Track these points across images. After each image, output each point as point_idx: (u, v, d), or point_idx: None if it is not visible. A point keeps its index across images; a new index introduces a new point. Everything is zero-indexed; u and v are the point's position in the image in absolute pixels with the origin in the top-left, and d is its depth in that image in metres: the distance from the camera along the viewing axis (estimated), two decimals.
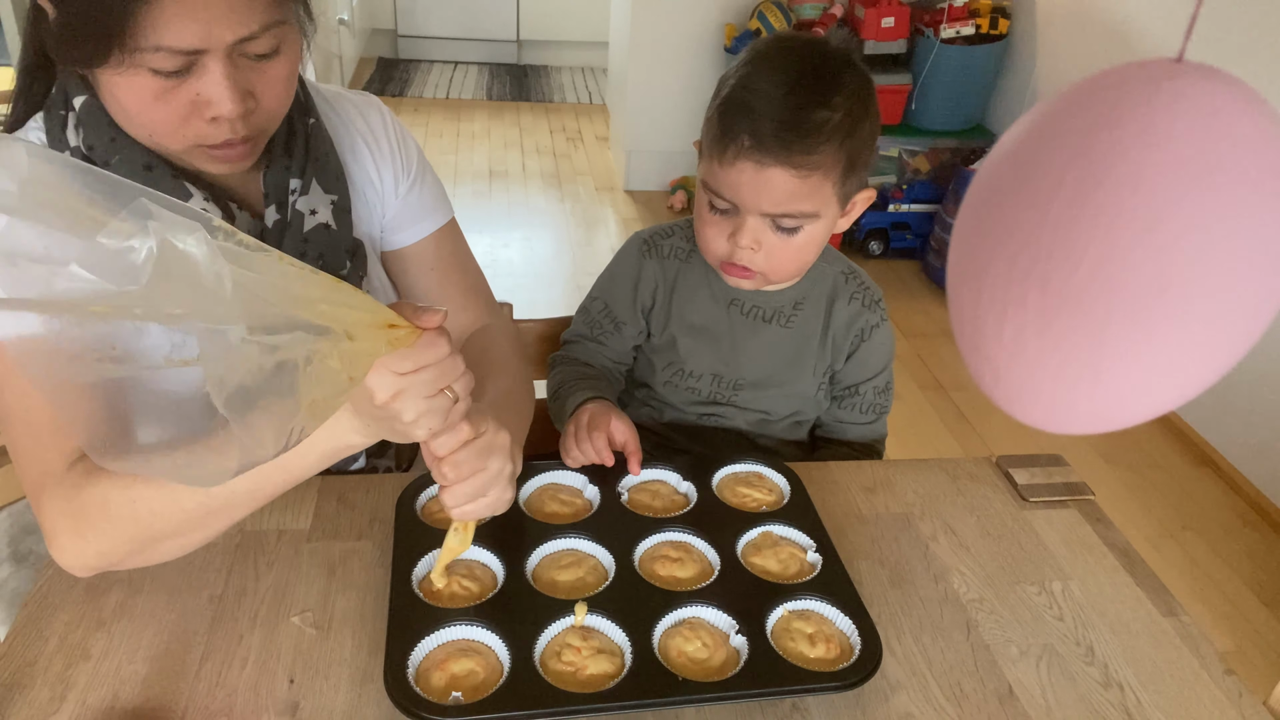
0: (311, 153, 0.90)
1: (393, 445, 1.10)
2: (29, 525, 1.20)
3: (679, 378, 1.14)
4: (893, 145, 3.41)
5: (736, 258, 0.99)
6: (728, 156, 0.94)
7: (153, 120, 0.74)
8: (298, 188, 0.89)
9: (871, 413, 1.17)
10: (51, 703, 0.72)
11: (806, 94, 0.92)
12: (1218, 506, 2.35)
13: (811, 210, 0.95)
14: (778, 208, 0.95)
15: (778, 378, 1.12)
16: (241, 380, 0.53)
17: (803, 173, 0.92)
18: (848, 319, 1.11)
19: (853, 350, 1.13)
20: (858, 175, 0.98)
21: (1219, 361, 0.44)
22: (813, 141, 0.91)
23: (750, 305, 1.10)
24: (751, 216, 0.96)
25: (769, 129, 0.91)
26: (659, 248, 1.13)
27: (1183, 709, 0.79)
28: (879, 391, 1.17)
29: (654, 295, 1.13)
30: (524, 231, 3.53)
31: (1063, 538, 0.98)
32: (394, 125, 1.00)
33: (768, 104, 0.92)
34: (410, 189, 1.00)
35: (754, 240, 0.97)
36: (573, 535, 0.88)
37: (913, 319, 3.09)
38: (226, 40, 0.70)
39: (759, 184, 0.94)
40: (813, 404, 1.16)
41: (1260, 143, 0.41)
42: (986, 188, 0.47)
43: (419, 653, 0.75)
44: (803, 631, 0.80)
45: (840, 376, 1.15)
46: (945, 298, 0.51)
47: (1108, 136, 0.41)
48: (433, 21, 5.23)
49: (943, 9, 3.20)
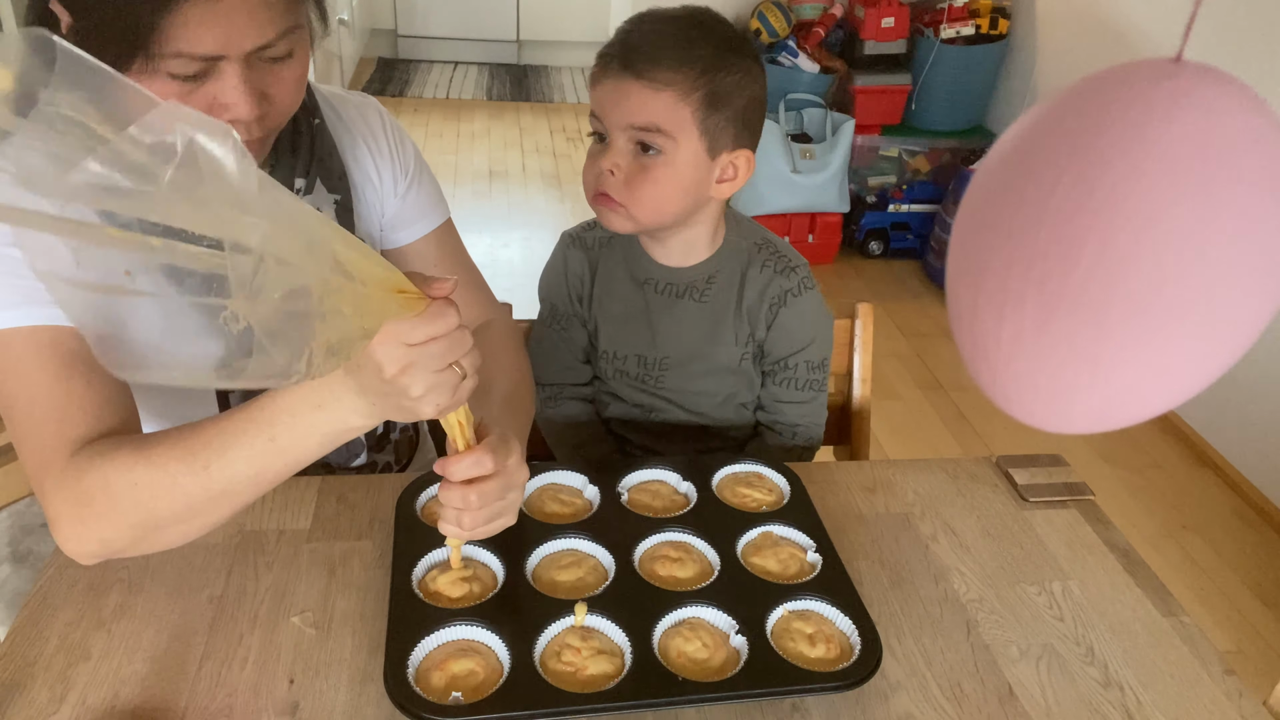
0: (316, 153, 0.91)
1: (392, 440, 1.10)
2: (29, 525, 1.20)
3: (606, 361, 1.17)
4: (893, 145, 3.41)
5: (601, 184, 1.02)
6: (598, 74, 1.01)
7: None
8: (302, 186, 0.90)
9: (808, 390, 1.17)
10: (51, 703, 0.72)
11: (676, 27, 0.99)
12: (1218, 506, 2.35)
13: (667, 129, 0.98)
14: (633, 118, 0.98)
15: (698, 353, 1.14)
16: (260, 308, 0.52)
17: (655, 85, 0.97)
18: (760, 287, 1.12)
19: (772, 318, 1.13)
20: (727, 123, 1.00)
21: (1218, 361, 0.44)
22: (669, 60, 0.96)
23: (665, 283, 1.13)
24: (616, 138, 1.00)
25: (634, 45, 0.98)
26: (582, 239, 1.18)
27: (1183, 709, 0.79)
28: (812, 367, 1.17)
29: (582, 282, 1.17)
30: (524, 231, 3.53)
31: (1063, 538, 0.98)
32: (392, 126, 1.02)
33: (639, 32, 1.00)
34: (409, 189, 1.02)
35: (614, 163, 1.00)
36: (573, 535, 0.88)
37: (913, 319, 3.09)
38: (245, 48, 0.71)
39: (618, 95, 0.98)
40: (743, 379, 1.17)
41: (1258, 143, 0.41)
42: (985, 188, 0.47)
43: (419, 653, 0.75)
44: (803, 631, 0.80)
45: (768, 348, 1.15)
46: (945, 297, 0.51)
47: (1106, 136, 0.41)
48: (433, 21, 5.23)
49: (943, 9, 3.20)
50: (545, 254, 1.21)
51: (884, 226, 3.41)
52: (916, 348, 2.93)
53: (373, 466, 1.08)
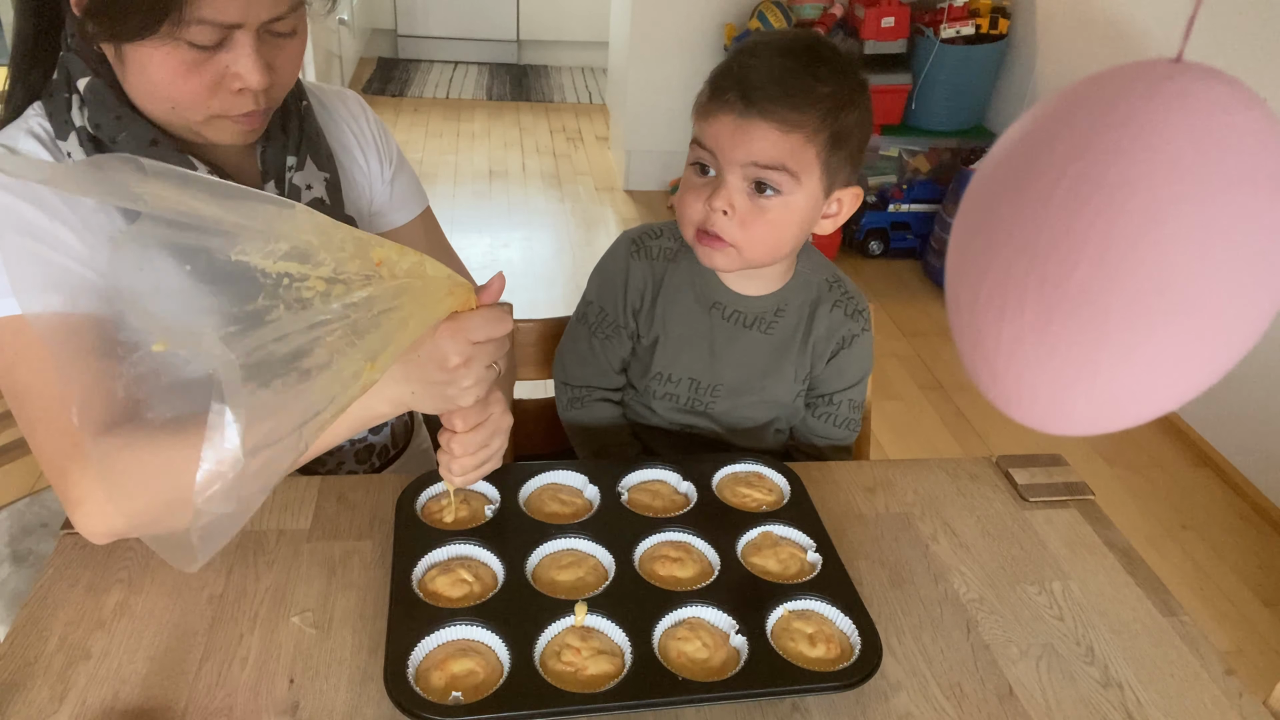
0: (305, 132, 0.96)
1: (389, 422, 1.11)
2: (29, 525, 1.20)
3: (657, 382, 1.13)
4: (893, 145, 3.41)
5: (710, 223, 0.97)
6: (713, 109, 0.95)
7: (181, 91, 0.79)
8: (293, 164, 0.94)
9: (845, 428, 1.17)
10: (51, 702, 0.72)
11: (797, 62, 0.93)
12: (1218, 506, 2.35)
13: (792, 168, 0.94)
14: (757, 157, 0.93)
15: (755, 384, 1.12)
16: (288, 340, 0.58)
17: (785, 127, 0.92)
18: (828, 326, 1.11)
19: (832, 357, 1.12)
20: (844, 161, 0.96)
21: (1218, 362, 0.44)
22: (798, 100, 0.92)
23: (732, 310, 1.09)
24: (731, 175, 0.95)
25: (756, 83, 0.93)
26: (647, 248, 1.12)
27: (1183, 709, 0.79)
28: (854, 406, 1.16)
29: (642, 297, 1.12)
30: (524, 231, 3.53)
31: (1063, 538, 0.98)
32: (373, 116, 1.08)
33: (757, 67, 0.94)
34: (394, 175, 1.08)
35: (728, 202, 0.95)
36: (573, 535, 0.88)
37: (913, 319, 3.09)
38: (262, 18, 0.77)
39: (740, 132, 0.93)
40: (791, 410, 1.16)
41: (1259, 143, 0.41)
42: (985, 188, 0.47)
43: (419, 653, 0.75)
44: (803, 631, 0.80)
45: (817, 382, 1.14)
46: (944, 298, 0.51)
47: (1106, 137, 0.41)
48: (433, 21, 5.23)
49: (943, 9, 3.20)
50: (545, 254, 1.21)
51: (884, 226, 3.41)
52: (916, 348, 2.93)
53: (368, 450, 1.09)
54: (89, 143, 0.84)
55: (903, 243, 3.43)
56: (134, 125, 0.83)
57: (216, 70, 0.79)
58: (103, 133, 0.84)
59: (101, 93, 0.83)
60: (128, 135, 0.83)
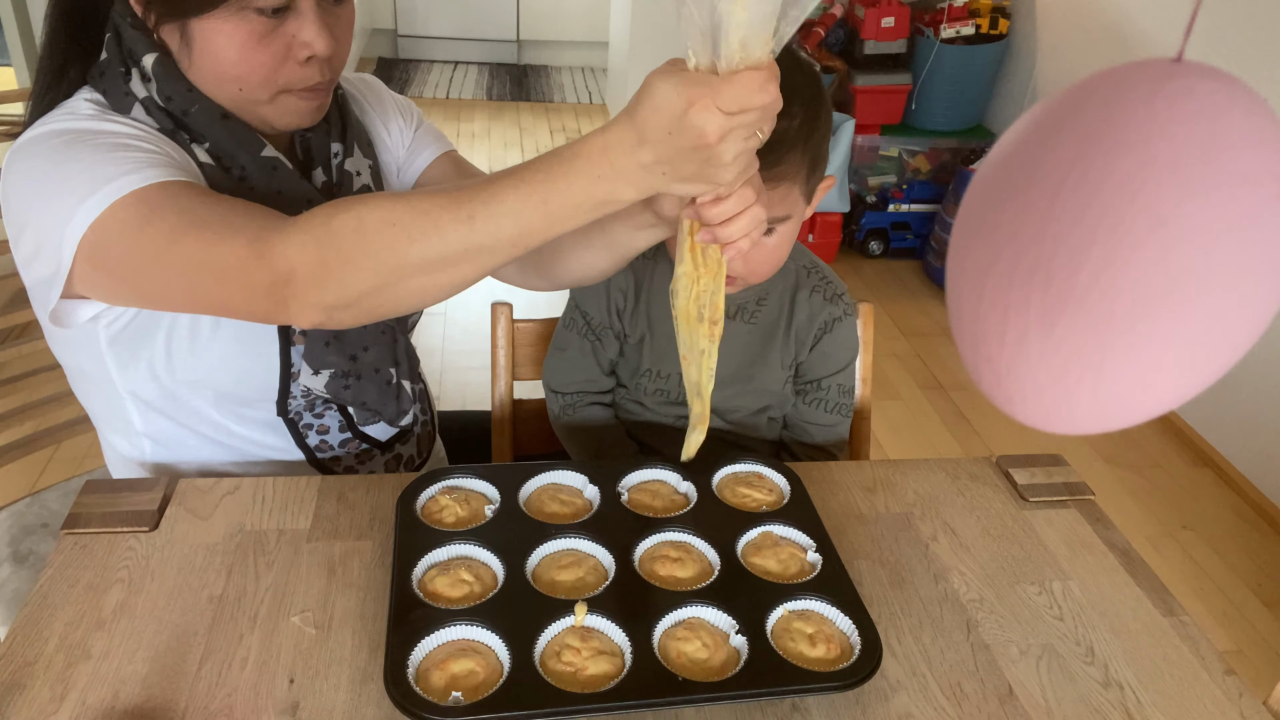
0: (346, 120, 0.99)
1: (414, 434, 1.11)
2: (29, 525, 1.20)
3: (648, 379, 1.15)
4: (893, 145, 3.41)
5: None
6: None
7: (250, 65, 0.82)
8: (339, 150, 0.97)
9: (836, 413, 1.18)
10: (51, 703, 0.72)
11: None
12: (1218, 506, 2.35)
13: (784, 214, 0.97)
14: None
15: (744, 374, 1.13)
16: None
17: (772, 183, 0.92)
18: (809, 312, 1.13)
19: (816, 341, 1.14)
20: (819, 171, 0.99)
21: (1220, 361, 0.44)
22: (778, 154, 0.92)
23: None
24: None
25: None
26: None
27: (1183, 709, 0.79)
28: (844, 391, 1.17)
29: (625, 296, 1.14)
30: None
31: (1063, 538, 0.98)
32: (389, 91, 1.12)
33: None
34: (416, 127, 1.10)
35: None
36: (573, 535, 0.88)
37: (913, 319, 3.09)
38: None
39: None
40: (781, 398, 1.17)
41: (1260, 143, 0.41)
42: (987, 188, 0.47)
43: (419, 653, 0.75)
44: (803, 631, 0.80)
45: (805, 369, 1.16)
46: (945, 298, 0.51)
47: (1108, 137, 0.41)
48: (433, 21, 5.23)
49: (943, 9, 3.19)
50: None
51: (884, 226, 3.41)
52: (916, 348, 2.93)
53: (396, 460, 1.09)
54: (159, 112, 0.86)
55: (903, 243, 3.43)
56: (205, 99, 0.85)
57: (284, 41, 0.82)
58: (174, 105, 0.85)
59: (170, 68, 0.85)
60: (200, 109, 0.85)
